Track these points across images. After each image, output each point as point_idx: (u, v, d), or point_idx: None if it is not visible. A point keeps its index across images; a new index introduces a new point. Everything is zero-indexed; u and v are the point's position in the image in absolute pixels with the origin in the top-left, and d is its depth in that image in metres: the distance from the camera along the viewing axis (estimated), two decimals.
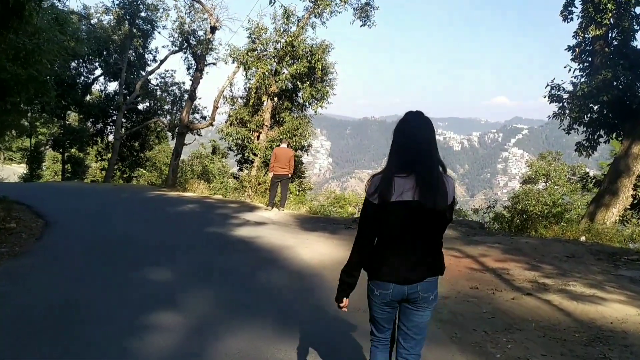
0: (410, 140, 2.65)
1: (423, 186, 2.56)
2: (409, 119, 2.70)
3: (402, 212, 2.57)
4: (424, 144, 2.64)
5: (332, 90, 20.59)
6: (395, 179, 2.58)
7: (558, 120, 14.04)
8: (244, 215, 12.47)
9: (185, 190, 19.04)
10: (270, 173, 13.73)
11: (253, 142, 20.71)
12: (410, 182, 2.57)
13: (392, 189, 2.57)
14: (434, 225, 2.63)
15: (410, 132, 2.67)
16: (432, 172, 2.61)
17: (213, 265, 6.99)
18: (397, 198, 2.56)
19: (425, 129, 2.66)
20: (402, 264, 2.64)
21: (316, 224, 11.47)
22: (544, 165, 35.85)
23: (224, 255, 7.74)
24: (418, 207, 2.54)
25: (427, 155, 2.62)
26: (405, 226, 2.59)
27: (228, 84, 21.16)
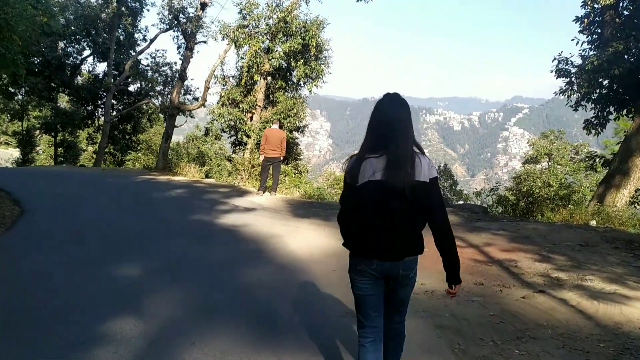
0: (383, 120, 2.69)
1: (394, 166, 2.59)
2: (384, 99, 2.75)
3: (375, 191, 2.61)
4: (397, 124, 2.66)
5: (327, 68, 19.73)
6: (368, 159, 2.64)
7: (561, 98, 13.27)
8: (233, 200, 11.80)
9: (175, 174, 18.34)
10: (261, 156, 13.03)
11: (246, 124, 19.93)
12: (383, 161, 2.61)
13: (364, 169, 2.63)
14: (410, 205, 2.62)
15: (384, 113, 2.71)
16: (404, 151, 2.62)
17: (190, 259, 6.32)
18: (369, 178, 2.61)
19: (399, 110, 2.69)
20: (383, 243, 2.66)
21: (309, 209, 10.80)
22: (546, 145, 35.08)
23: (205, 247, 7.06)
24: (389, 186, 2.59)
25: (400, 135, 2.64)
26: (380, 205, 2.63)
27: (219, 63, 20.30)
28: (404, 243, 2.69)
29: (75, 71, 28.04)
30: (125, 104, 28.99)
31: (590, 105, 13.21)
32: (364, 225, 2.69)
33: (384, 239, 2.66)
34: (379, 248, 2.68)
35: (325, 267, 6.02)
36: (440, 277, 5.57)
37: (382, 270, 2.71)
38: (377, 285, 2.79)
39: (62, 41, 26.00)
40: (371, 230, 2.67)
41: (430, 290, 5.12)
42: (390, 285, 2.80)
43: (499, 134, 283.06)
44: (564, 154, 33.86)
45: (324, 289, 5.17)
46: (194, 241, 7.40)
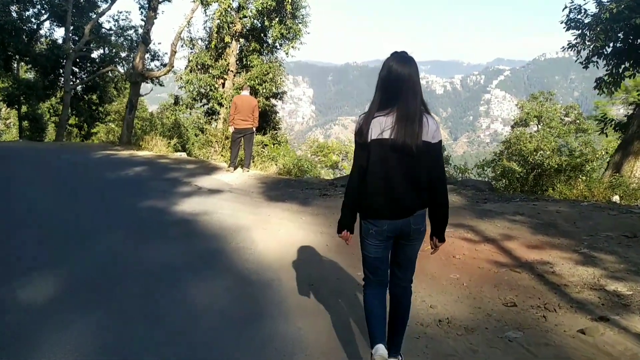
0: (392, 78, 2.69)
1: (401, 123, 2.63)
2: (393, 57, 2.74)
3: (382, 149, 2.67)
4: (406, 82, 2.67)
5: (305, 28, 17.92)
6: (376, 117, 2.69)
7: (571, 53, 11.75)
8: (198, 180, 10.22)
9: (140, 148, 16.59)
10: (230, 127, 11.40)
11: (217, 90, 18.15)
12: (391, 119, 2.66)
13: (372, 128, 2.68)
14: (415, 162, 2.67)
15: (393, 71, 2.69)
16: (412, 109, 2.65)
17: (122, 265, 4.77)
18: (377, 136, 2.67)
19: (407, 67, 2.68)
20: (392, 201, 2.72)
21: (285, 189, 9.26)
22: (535, 107, 33.74)
23: (147, 246, 5.50)
24: (396, 144, 2.63)
25: (408, 93, 2.66)
26: (387, 163, 2.69)
27: (186, 23, 18.30)
28: (412, 199, 2.73)
29: (33, 37, 25.67)
30: (89, 72, 26.77)
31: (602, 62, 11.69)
32: (374, 184, 2.73)
33: (394, 198, 2.71)
34: (389, 207, 2.73)
35: (300, 279, 4.53)
36: (455, 292, 4.10)
37: (395, 228, 2.77)
38: (387, 245, 2.86)
39: (15, 4, 23.63)
40: (380, 189, 2.72)
41: (445, 319, 3.64)
42: (400, 241, 2.86)
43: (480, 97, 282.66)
44: (554, 116, 32.58)
45: (293, 322, 3.67)
46: (136, 237, 5.83)
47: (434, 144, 2.68)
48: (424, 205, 2.79)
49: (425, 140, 2.64)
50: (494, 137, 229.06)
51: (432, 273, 4.59)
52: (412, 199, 2.72)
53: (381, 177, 2.70)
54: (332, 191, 8.70)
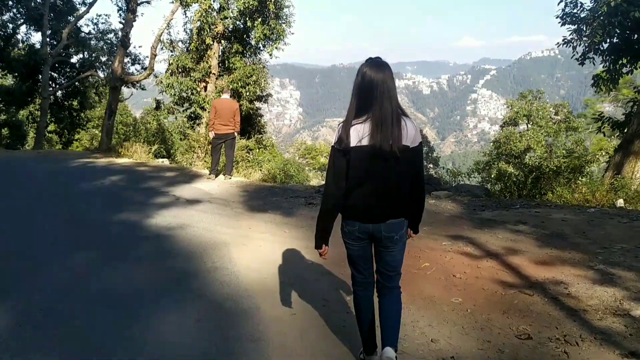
0: (366, 84, 2.71)
1: (379, 129, 2.64)
2: (366, 64, 2.78)
3: (362, 156, 2.68)
4: (379, 87, 2.67)
5: (289, 28, 17.33)
6: (354, 125, 2.70)
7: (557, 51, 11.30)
8: (177, 189, 9.63)
9: (119, 155, 15.92)
10: (210, 132, 10.81)
11: (199, 94, 17.53)
12: (368, 126, 2.67)
13: (350, 135, 2.68)
14: (394, 167, 2.70)
15: (367, 77, 2.71)
16: (388, 113, 2.66)
17: (80, 296, 4.17)
18: (356, 144, 2.67)
19: (380, 72, 2.70)
20: (366, 205, 2.76)
21: (268, 198, 8.68)
22: (524, 106, 33.44)
23: (113, 268, 4.91)
24: (376, 150, 2.65)
25: (383, 98, 2.67)
26: (366, 170, 2.70)
27: (165, 25, 17.67)
28: (387, 206, 2.76)
29: (9, 42, 24.83)
30: (68, 77, 25.99)
31: (599, 58, 11.23)
32: (352, 188, 2.75)
33: (367, 202, 2.75)
34: (361, 211, 2.78)
35: (281, 307, 3.97)
36: (459, 320, 3.57)
37: (365, 231, 2.83)
38: (364, 244, 2.91)
39: None
40: (356, 193, 2.75)
41: (450, 358, 3.09)
42: (377, 247, 2.91)
43: (467, 97, 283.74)
44: (543, 115, 32.29)
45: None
46: (103, 257, 5.24)
47: (414, 148, 2.72)
48: (400, 214, 2.82)
49: (405, 145, 2.67)
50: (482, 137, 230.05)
51: (431, 296, 4.06)
52: (386, 205, 2.77)
53: (359, 183, 2.73)
54: (318, 200, 8.13)
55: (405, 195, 2.79)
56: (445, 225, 6.07)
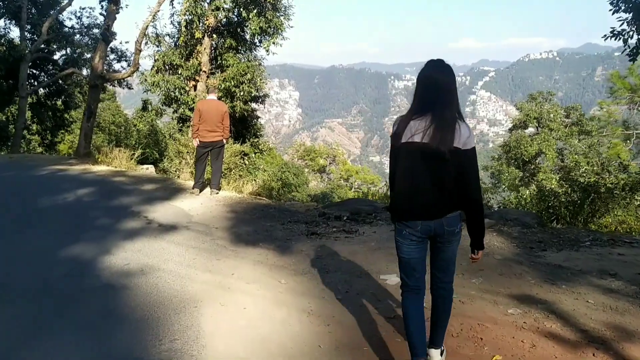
0: (429, 84, 2.75)
1: (433, 128, 2.68)
2: (431, 65, 2.81)
3: (411, 152, 2.73)
4: (442, 89, 2.72)
5: (287, 21, 15.65)
6: (411, 121, 2.77)
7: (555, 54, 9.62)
8: (152, 208, 7.97)
9: (97, 162, 14.22)
10: (194, 140, 9.14)
11: (188, 94, 15.84)
12: (424, 123, 2.72)
13: (405, 131, 2.76)
14: (443, 167, 2.70)
15: (430, 77, 2.76)
16: (445, 114, 2.70)
17: None
18: (407, 139, 2.75)
19: (445, 76, 2.76)
20: (421, 203, 2.75)
21: (261, 222, 6.99)
22: (535, 108, 31.76)
23: (35, 350, 3.27)
24: (425, 147, 2.68)
25: (444, 99, 2.72)
26: (414, 166, 2.74)
27: (151, 18, 15.95)
28: (441, 202, 2.74)
29: None
30: (51, 75, 24.22)
31: None
32: (406, 186, 2.79)
33: (423, 200, 2.75)
34: (420, 209, 2.76)
35: None
36: None
37: (428, 229, 2.80)
38: (422, 246, 2.87)
39: None
40: (409, 191, 2.78)
41: None
42: (436, 244, 2.89)
43: (466, 98, 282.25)
44: (555, 118, 30.64)
45: None
46: (25, 326, 3.60)
47: (465, 151, 2.71)
48: (455, 207, 2.81)
49: (455, 147, 2.68)
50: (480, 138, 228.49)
51: None
52: (441, 201, 2.75)
53: (409, 180, 2.77)
54: (324, 227, 6.47)
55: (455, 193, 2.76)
56: (502, 275, 4.42)
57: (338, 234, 6.03)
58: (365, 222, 6.48)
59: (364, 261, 4.93)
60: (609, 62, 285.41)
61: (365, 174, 48.64)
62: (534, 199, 7.72)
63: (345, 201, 7.96)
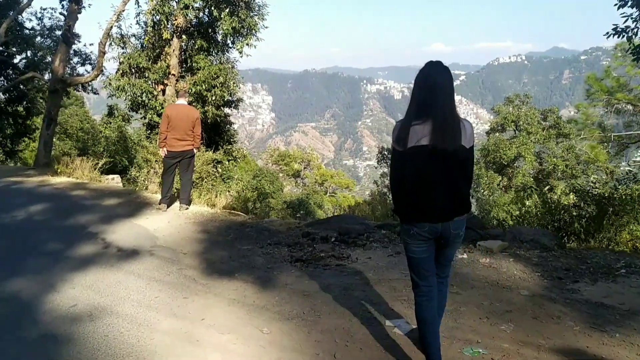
0: (426, 87, 2.76)
1: (438, 130, 2.67)
2: (427, 68, 2.81)
3: (421, 156, 2.70)
4: (440, 90, 2.73)
5: (262, 21, 14.76)
6: (413, 125, 2.73)
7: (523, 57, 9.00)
8: (112, 228, 7.03)
9: (56, 173, 13.10)
10: (161, 150, 8.20)
11: (156, 99, 14.82)
12: (427, 127, 2.70)
13: (410, 136, 2.71)
14: (455, 168, 2.74)
15: (428, 81, 2.77)
16: (448, 116, 2.71)
17: None
18: (415, 144, 2.71)
19: (440, 76, 2.76)
20: (434, 205, 2.76)
21: (236, 245, 6.09)
22: (512, 111, 31.47)
23: None
24: (435, 150, 2.68)
25: (443, 102, 2.72)
26: (427, 170, 2.73)
27: (115, 17, 14.88)
28: (452, 204, 2.78)
29: None
30: (11, 79, 22.82)
31: None
32: (413, 190, 2.76)
33: (435, 202, 2.75)
34: (430, 211, 2.76)
35: None
36: None
37: (435, 231, 2.82)
38: (429, 246, 2.90)
39: None
40: (421, 194, 2.75)
41: None
42: (441, 244, 2.91)
43: None
44: (532, 121, 30.40)
45: None
46: None
47: (468, 149, 2.77)
48: (463, 211, 2.84)
49: (462, 145, 2.73)
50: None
51: None
52: (451, 204, 2.79)
53: (419, 183, 2.75)
54: (309, 251, 5.60)
55: (465, 192, 2.85)
56: (537, 319, 3.61)
57: (327, 260, 5.19)
58: (357, 245, 5.64)
59: (363, 299, 4.09)
60: (576, 66, 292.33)
61: (340, 178, 48.08)
62: (539, 212, 6.99)
63: (331, 218, 7.12)
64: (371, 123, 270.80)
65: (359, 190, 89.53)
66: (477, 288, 4.08)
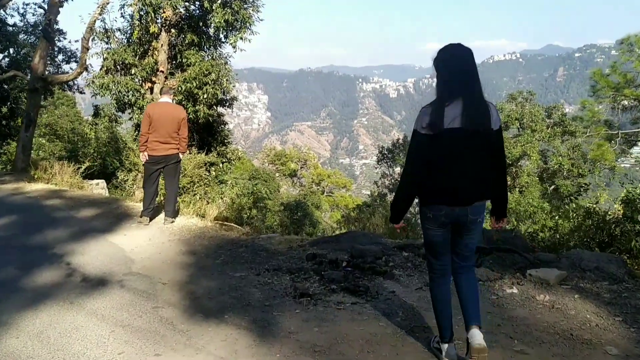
0: (455, 69, 2.73)
1: (470, 111, 2.65)
2: (450, 49, 2.78)
3: (453, 138, 2.66)
4: (469, 73, 2.72)
5: (256, 13, 13.70)
6: (445, 108, 2.68)
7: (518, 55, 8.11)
8: (81, 248, 5.99)
9: (32, 179, 12.00)
10: (142, 154, 7.16)
11: (144, 98, 13.75)
12: (458, 109, 2.66)
13: (444, 118, 2.66)
14: (483, 149, 2.71)
15: (455, 62, 2.75)
16: (478, 97, 2.70)
17: None
18: (448, 126, 2.66)
19: (466, 58, 2.74)
20: (453, 189, 2.71)
21: (228, 272, 5.05)
22: (516, 109, 30.48)
23: None
24: (467, 131, 2.65)
25: (472, 83, 2.71)
26: (456, 152, 2.69)
27: (99, 10, 13.79)
28: (474, 188, 2.73)
29: None
30: None
31: None
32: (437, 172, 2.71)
33: (456, 185, 2.71)
34: (449, 194, 2.72)
35: None
36: None
37: (452, 215, 2.77)
38: (447, 229, 2.86)
39: None
40: (444, 177, 2.71)
41: None
42: (458, 229, 2.86)
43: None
44: (537, 119, 29.43)
45: None
46: None
47: (496, 131, 2.76)
48: (484, 196, 2.81)
49: (490, 127, 2.71)
50: None
51: None
52: (474, 188, 2.73)
53: (448, 166, 2.70)
54: (316, 281, 4.56)
55: (489, 177, 2.77)
56: None
57: (340, 296, 4.15)
58: (376, 272, 4.60)
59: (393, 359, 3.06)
60: (570, 63, 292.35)
61: (337, 178, 47.22)
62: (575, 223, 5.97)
63: (341, 236, 6.05)
64: (367, 121, 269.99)
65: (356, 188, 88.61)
66: (547, 343, 3.07)
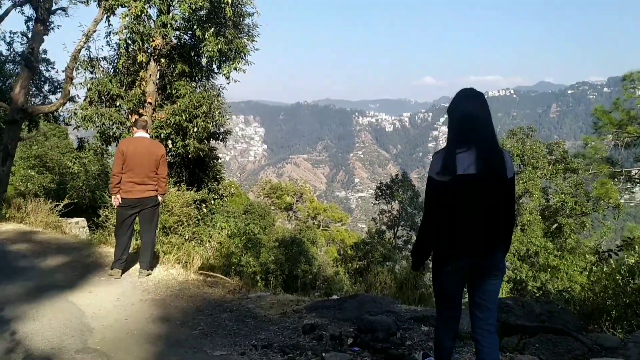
0: (466, 116, 2.71)
1: (484, 158, 2.61)
2: (462, 96, 2.78)
3: (468, 185, 2.62)
4: (480, 119, 2.70)
5: (251, 42, 12.95)
6: (458, 154, 2.64)
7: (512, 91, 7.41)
8: (33, 312, 4.99)
9: (3, 218, 10.98)
10: (114, 196, 6.20)
11: (130, 131, 12.86)
12: (472, 156, 2.63)
13: (457, 164, 2.61)
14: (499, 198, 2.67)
15: (466, 109, 2.73)
16: (492, 145, 2.68)
17: None
18: (463, 172, 2.62)
19: (479, 104, 2.74)
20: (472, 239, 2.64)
21: (206, 350, 4.05)
22: (516, 145, 29.77)
23: None
24: (482, 179, 2.61)
25: (484, 130, 2.68)
26: (472, 200, 2.62)
27: (84, 39, 13.02)
28: (493, 238, 2.69)
29: None
30: None
31: None
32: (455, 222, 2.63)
33: (475, 235, 2.64)
34: (468, 245, 2.65)
35: None
36: None
37: (472, 265, 2.69)
38: (461, 281, 2.77)
39: None
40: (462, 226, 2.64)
41: None
42: (478, 280, 2.76)
43: (429, 134, 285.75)
44: (538, 155, 28.70)
45: None
46: None
47: (510, 179, 2.74)
48: (502, 244, 2.75)
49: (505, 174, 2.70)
50: None
51: None
52: (493, 238, 2.68)
53: (465, 214, 2.63)
54: None
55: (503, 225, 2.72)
56: None
57: None
58: (391, 357, 3.63)
59: None
60: (563, 100, 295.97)
61: (333, 212, 46.21)
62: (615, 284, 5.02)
63: (345, 301, 5.00)
64: (363, 155, 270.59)
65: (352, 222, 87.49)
66: None
